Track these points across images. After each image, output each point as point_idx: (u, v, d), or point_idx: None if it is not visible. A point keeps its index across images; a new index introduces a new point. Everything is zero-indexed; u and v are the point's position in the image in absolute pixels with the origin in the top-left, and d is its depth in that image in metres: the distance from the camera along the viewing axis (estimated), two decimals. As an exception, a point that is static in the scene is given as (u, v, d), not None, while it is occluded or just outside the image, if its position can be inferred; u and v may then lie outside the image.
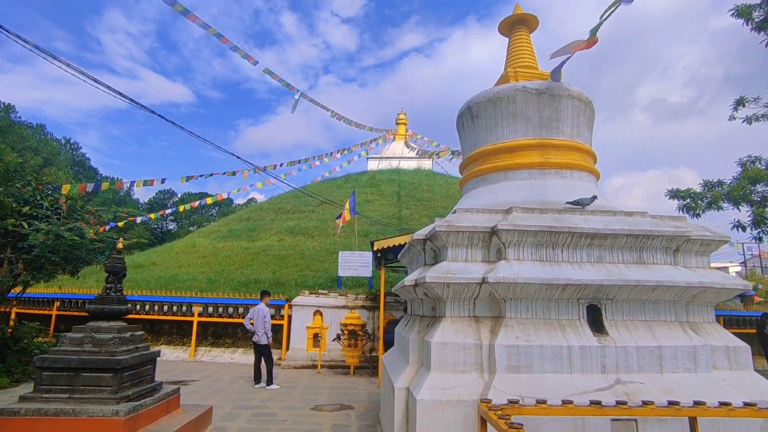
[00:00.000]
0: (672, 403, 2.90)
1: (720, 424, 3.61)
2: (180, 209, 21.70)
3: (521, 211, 4.56)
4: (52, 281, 11.38)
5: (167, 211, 28.81)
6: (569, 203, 4.81)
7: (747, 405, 2.96)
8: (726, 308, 14.95)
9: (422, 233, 4.93)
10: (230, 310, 13.84)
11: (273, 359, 9.81)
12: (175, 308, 14.09)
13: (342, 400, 8.35)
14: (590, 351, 3.97)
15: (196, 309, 13.88)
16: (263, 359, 9.67)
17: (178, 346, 13.91)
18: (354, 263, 13.88)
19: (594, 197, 4.79)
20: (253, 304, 11.39)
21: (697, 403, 2.88)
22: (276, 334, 12.02)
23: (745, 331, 13.45)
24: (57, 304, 15.11)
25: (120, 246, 6.19)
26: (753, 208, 10.18)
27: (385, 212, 22.70)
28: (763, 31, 9.58)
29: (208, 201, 24.62)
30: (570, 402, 2.86)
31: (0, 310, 10.00)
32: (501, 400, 3.28)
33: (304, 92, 16.07)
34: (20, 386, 8.57)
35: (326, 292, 13.49)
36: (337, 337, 11.77)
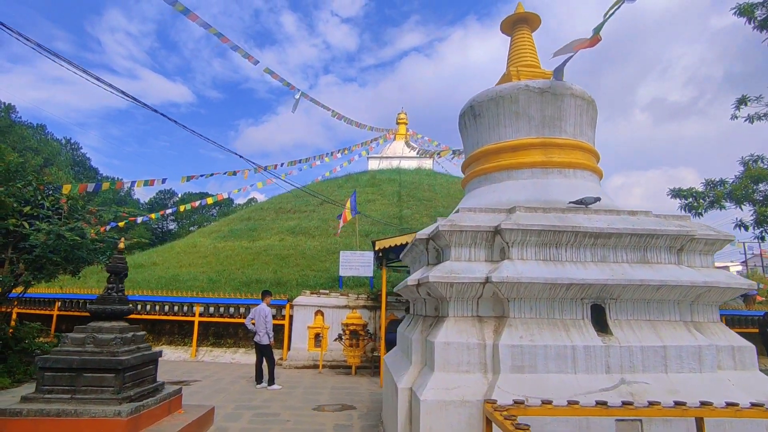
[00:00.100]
0: (678, 404, 2.88)
1: (726, 425, 3.58)
2: (180, 209, 21.70)
3: (525, 211, 4.55)
4: (54, 281, 11.34)
5: (168, 211, 28.77)
6: (572, 203, 4.79)
7: (754, 405, 2.94)
8: (728, 307, 14.90)
9: (425, 233, 4.92)
10: (231, 310, 13.82)
11: (275, 359, 9.79)
12: (176, 308, 14.08)
13: (344, 400, 8.33)
14: (594, 351, 3.95)
15: (197, 309, 13.86)
16: (265, 359, 9.65)
17: (180, 346, 13.90)
18: (355, 263, 13.87)
19: (598, 198, 4.76)
20: (254, 304, 11.37)
21: (704, 404, 2.86)
22: (277, 334, 12.00)
23: (748, 331, 13.40)
24: (58, 305, 15.10)
25: (122, 246, 6.18)
26: (755, 207, 10.17)
27: (386, 212, 22.68)
28: (765, 30, 9.56)
29: (209, 201, 24.60)
30: (576, 402, 2.84)
31: (1, 311, 9.98)
32: (505, 401, 3.26)
33: (305, 92, 16.03)
34: (22, 386, 8.55)
35: (327, 292, 13.47)
36: (339, 337, 11.75)
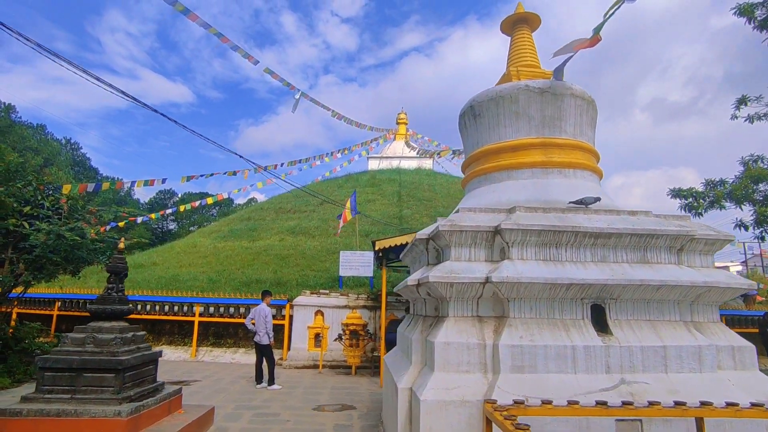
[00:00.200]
0: (678, 404, 2.88)
1: (726, 425, 3.58)
2: (180, 209, 21.70)
3: (525, 211, 4.55)
4: (53, 281, 11.34)
5: (168, 211, 28.74)
6: (572, 203, 4.79)
7: (754, 405, 2.94)
8: (728, 307, 14.89)
9: (425, 233, 4.91)
10: (231, 310, 13.82)
11: (275, 359, 9.79)
12: (176, 308, 14.08)
13: (344, 400, 8.33)
14: (594, 351, 3.95)
15: (197, 309, 13.86)
16: (265, 359, 9.65)
17: (179, 346, 13.89)
18: (355, 263, 13.87)
19: (598, 198, 4.76)
20: (254, 304, 11.37)
21: (704, 404, 2.86)
22: (277, 334, 12.00)
23: (747, 331, 13.40)
24: (58, 305, 15.10)
25: (122, 246, 6.18)
26: (755, 207, 10.17)
27: (386, 212, 22.68)
28: (765, 30, 9.56)
29: (209, 201, 24.60)
30: (576, 402, 2.84)
31: (1, 311, 9.98)
32: (505, 401, 3.26)
33: (305, 92, 16.03)
34: (22, 386, 8.55)
35: (327, 292, 13.47)
36: (339, 337, 11.75)
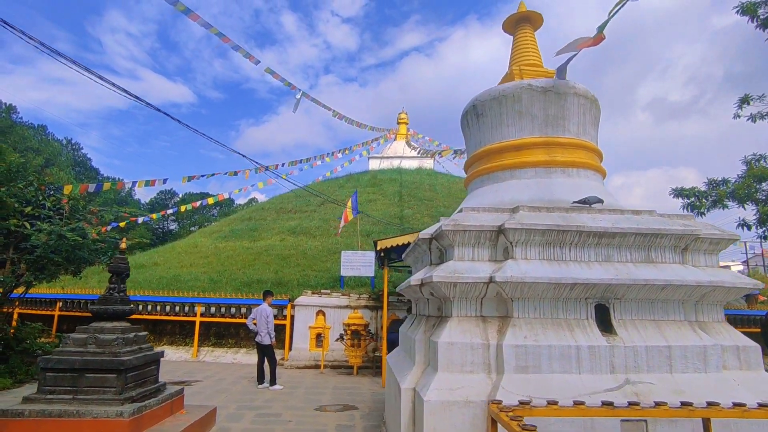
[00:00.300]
0: (685, 404, 2.86)
1: (731, 425, 3.56)
2: (181, 209, 21.70)
3: (528, 210, 4.52)
4: (55, 282, 11.33)
5: (169, 212, 28.78)
6: (576, 202, 4.77)
7: (761, 406, 2.92)
8: (730, 307, 14.87)
9: (428, 232, 4.90)
10: (233, 310, 13.81)
11: (276, 359, 9.77)
12: (178, 308, 14.07)
13: (346, 401, 8.32)
14: (599, 351, 3.93)
15: (199, 309, 13.85)
16: (266, 359, 9.63)
17: (181, 347, 13.89)
18: (356, 263, 13.85)
19: (601, 200, 4.75)
20: (256, 304, 11.35)
21: (711, 404, 2.83)
22: (279, 334, 11.99)
23: (750, 330, 13.38)
24: (59, 305, 15.09)
25: (123, 246, 6.16)
26: (758, 207, 10.14)
27: (387, 212, 22.66)
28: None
29: (210, 201, 24.59)
30: (582, 403, 2.82)
31: (3, 311, 9.97)
32: (510, 401, 3.23)
33: (305, 92, 16.01)
34: (23, 387, 8.54)
35: (329, 292, 13.46)
36: (340, 337, 11.73)
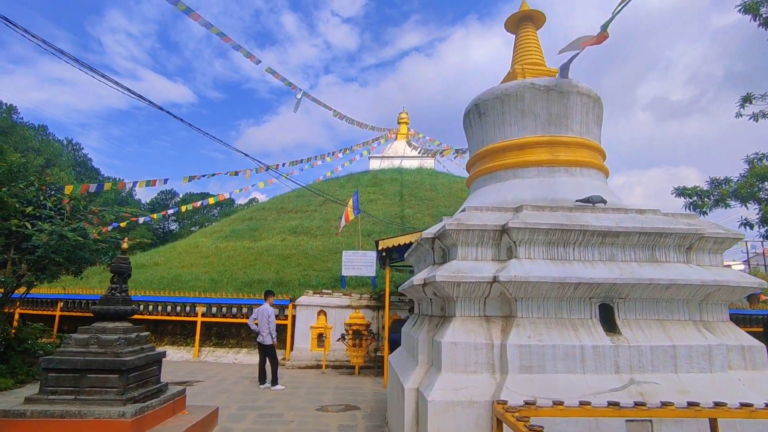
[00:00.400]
0: (692, 404, 2.84)
1: (737, 425, 3.54)
2: (182, 209, 21.68)
3: (532, 209, 4.51)
4: (56, 282, 11.33)
5: (169, 212, 28.76)
6: (579, 201, 4.75)
7: (768, 406, 2.90)
8: (732, 306, 14.81)
9: (431, 232, 4.88)
10: (234, 310, 13.80)
11: (278, 359, 9.76)
12: (179, 308, 14.06)
13: (348, 401, 8.30)
14: (603, 351, 3.91)
15: (200, 309, 13.85)
16: (268, 359, 9.62)
17: (182, 347, 13.88)
18: (358, 263, 13.83)
19: (604, 200, 4.73)
20: (257, 304, 11.34)
21: (718, 404, 2.81)
22: (280, 334, 11.98)
23: (752, 330, 13.35)
24: (60, 305, 15.09)
25: (125, 246, 6.15)
26: (761, 206, 10.11)
27: (388, 211, 22.64)
28: (770, 27, 9.48)
29: (210, 201, 24.58)
30: (588, 403, 2.80)
31: (4, 311, 9.95)
32: (514, 401, 3.22)
33: (306, 92, 15.99)
34: (24, 387, 8.53)
35: (330, 292, 13.44)
36: (342, 337, 11.72)
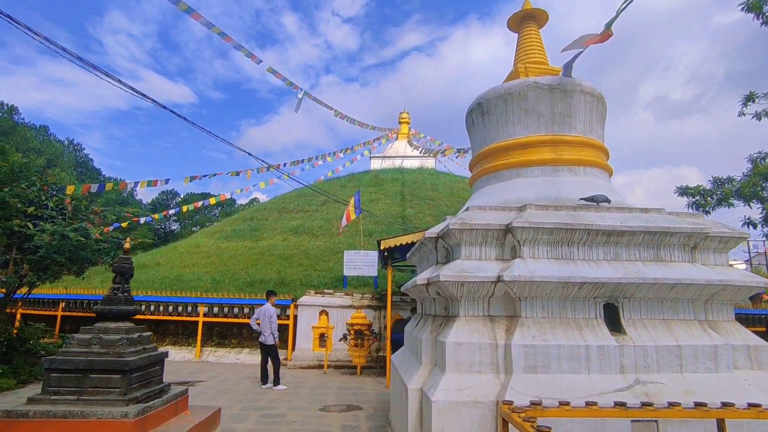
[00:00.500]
0: (699, 405, 2.82)
1: (744, 426, 3.52)
2: (184, 209, 21.67)
3: (536, 208, 4.49)
4: (58, 282, 11.33)
5: (171, 212, 28.75)
6: (584, 200, 4.73)
7: (776, 406, 2.87)
8: (735, 306, 14.79)
9: (434, 231, 4.86)
10: (235, 310, 13.80)
11: (280, 359, 9.74)
12: (181, 308, 14.05)
13: (350, 401, 8.28)
14: (608, 350, 3.89)
15: (202, 309, 13.84)
16: (270, 359, 9.60)
17: (184, 347, 13.87)
18: (359, 262, 13.81)
19: (609, 199, 4.71)
20: (258, 304, 11.33)
21: (726, 405, 2.79)
22: (282, 334, 11.96)
23: (755, 329, 13.31)
24: (62, 305, 15.09)
25: (127, 246, 6.14)
26: (764, 205, 10.07)
27: (389, 211, 22.62)
28: (774, 26, 9.44)
29: (212, 201, 24.57)
30: (594, 403, 2.78)
31: (6, 311, 9.96)
32: (520, 402, 3.19)
33: (307, 92, 15.97)
34: (26, 387, 8.53)
35: (332, 292, 13.43)
36: (344, 337, 11.70)
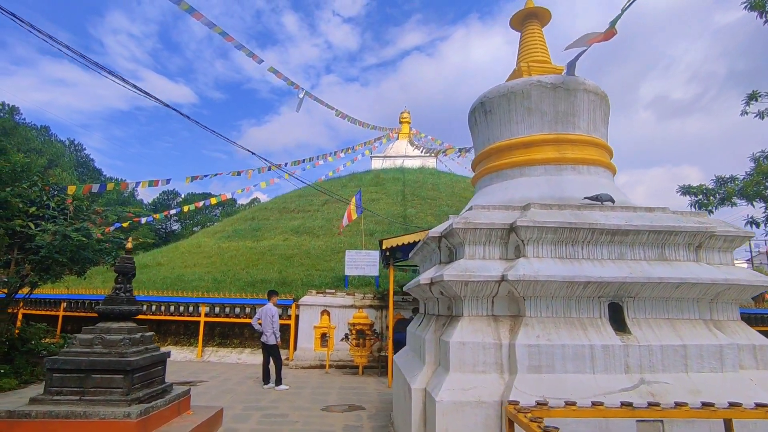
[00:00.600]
0: (706, 405, 2.80)
1: (749, 425, 3.50)
2: (185, 209, 21.67)
3: (539, 208, 4.47)
4: (59, 282, 11.34)
5: (172, 212, 28.73)
6: (588, 199, 4.71)
7: (784, 406, 2.85)
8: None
9: (437, 231, 4.84)
10: (237, 310, 13.79)
11: (282, 359, 9.73)
12: (182, 308, 14.05)
13: (352, 401, 8.27)
14: (613, 350, 3.87)
15: (203, 309, 13.83)
16: (272, 359, 9.59)
17: (185, 347, 13.87)
18: (361, 262, 13.82)
19: (613, 199, 4.69)
20: (260, 304, 11.33)
21: (733, 405, 2.77)
22: (283, 334, 11.95)
23: (758, 329, 13.26)
24: (64, 305, 15.09)
25: (129, 246, 6.12)
26: (767, 204, 10.04)
27: (390, 211, 22.60)
28: (777, 24, 9.41)
29: (213, 201, 24.57)
30: (600, 403, 2.76)
31: (8, 311, 9.95)
32: (525, 402, 3.18)
33: (308, 91, 15.96)
34: (28, 387, 8.53)
35: (333, 292, 13.41)
36: (345, 337, 11.69)
